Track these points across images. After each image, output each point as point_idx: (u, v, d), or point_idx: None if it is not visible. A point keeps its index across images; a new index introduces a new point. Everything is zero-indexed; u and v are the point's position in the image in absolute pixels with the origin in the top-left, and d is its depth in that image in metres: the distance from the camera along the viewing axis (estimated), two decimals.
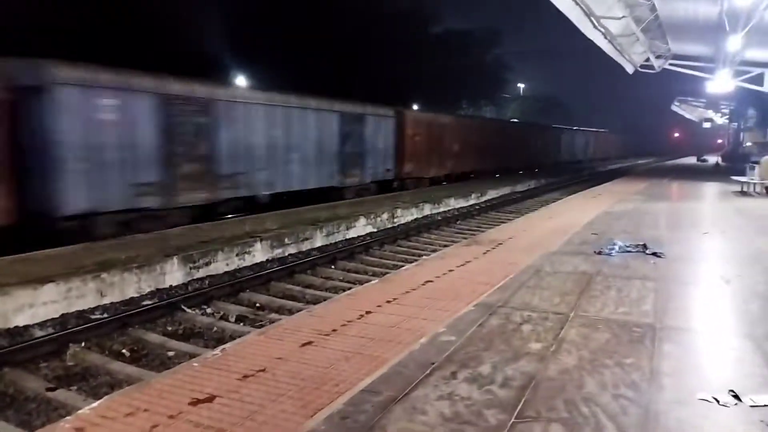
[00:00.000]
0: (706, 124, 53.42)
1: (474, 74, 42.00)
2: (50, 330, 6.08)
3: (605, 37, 16.53)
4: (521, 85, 63.05)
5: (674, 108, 51.37)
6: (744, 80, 20.30)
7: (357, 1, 32.00)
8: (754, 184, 15.62)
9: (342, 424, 2.79)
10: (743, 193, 15.75)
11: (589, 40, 16.36)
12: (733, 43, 14.65)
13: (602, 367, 3.44)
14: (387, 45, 33.22)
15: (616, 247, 7.17)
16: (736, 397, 3.03)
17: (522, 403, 2.97)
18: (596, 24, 14.97)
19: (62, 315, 6.48)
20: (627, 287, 5.35)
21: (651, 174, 26.55)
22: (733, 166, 26.43)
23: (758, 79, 20.19)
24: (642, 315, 4.51)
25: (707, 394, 3.07)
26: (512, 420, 2.79)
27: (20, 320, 6.12)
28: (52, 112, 8.98)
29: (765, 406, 2.93)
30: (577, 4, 13.32)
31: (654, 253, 6.87)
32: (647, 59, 21.47)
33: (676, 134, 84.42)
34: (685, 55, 21.38)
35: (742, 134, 39.12)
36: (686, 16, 15.16)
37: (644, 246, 7.19)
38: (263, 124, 13.41)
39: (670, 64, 21.96)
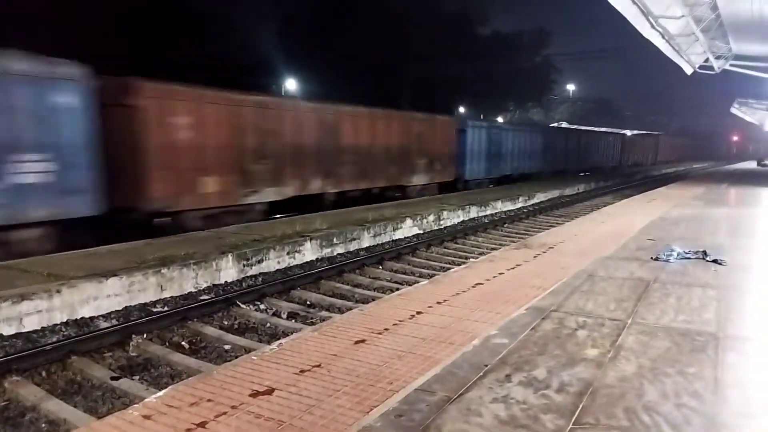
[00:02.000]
0: None
1: (521, 76, 41.40)
2: (114, 321, 6.37)
3: (663, 37, 15.97)
4: (571, 87, 61.66)
5: (733, 110, 49.08)
6: None
7: (400, 3, 32.09)
8: None
9: (397, 421, 2.83)
10: None
11: (645, 40, 15.85)
12: None
13: (663, 376, 3.36)
14: (431, 48, 33.08)
15: (674, 254, 6.93)
16: None
17: (580, 409, 2.94)
18: (654, 23, 14.48)
19: (125, 307, 6.78)
20: (687, 295, 5.18)
21: (708, 178, 25.51)
22: None
23: None
24: (704, 324, 4.37)
25: None
26: (570, 426, 2.76)
27: (86, 311, 6.44)
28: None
29: None
30: (634, 2, 12.92)
31: (715, 261, 6.62)
32: (706, 60, 20.64)
33: (735, 137, 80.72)
34: (747, 55, 20.46)
35: None
36: (750, 15, 14.45)
37: (704, 253, 6.93)
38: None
39: (731, 65, 21.05)
